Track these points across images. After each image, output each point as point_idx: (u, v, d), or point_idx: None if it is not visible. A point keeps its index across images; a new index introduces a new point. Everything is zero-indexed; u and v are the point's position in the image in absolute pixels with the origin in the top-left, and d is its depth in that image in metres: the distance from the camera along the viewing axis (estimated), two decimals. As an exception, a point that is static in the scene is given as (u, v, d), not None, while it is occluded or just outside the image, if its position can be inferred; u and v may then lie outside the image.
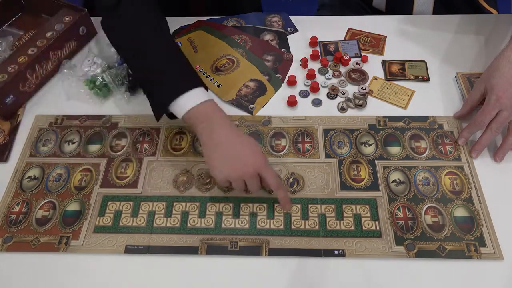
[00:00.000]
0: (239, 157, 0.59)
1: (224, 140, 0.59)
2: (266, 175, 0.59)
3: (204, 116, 0.60)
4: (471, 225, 0.59)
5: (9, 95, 0.73)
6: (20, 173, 0.68)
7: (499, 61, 0.66)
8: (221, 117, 0.61)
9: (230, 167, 0.58)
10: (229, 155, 0.59)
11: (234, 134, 0.60)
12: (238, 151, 0.59)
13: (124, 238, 0.60)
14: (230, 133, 0.60)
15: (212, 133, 0.59)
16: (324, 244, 0.58)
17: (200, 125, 0.60)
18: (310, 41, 0.84)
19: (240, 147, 0.59)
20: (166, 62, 0.63)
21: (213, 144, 0.59)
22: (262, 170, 0.59)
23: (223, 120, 0.60)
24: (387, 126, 0.71)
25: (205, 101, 0.60)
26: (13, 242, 0.60)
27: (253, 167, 0.58)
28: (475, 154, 0.66)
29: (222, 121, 0.60)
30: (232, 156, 0.59)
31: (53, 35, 0.78)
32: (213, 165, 0.59)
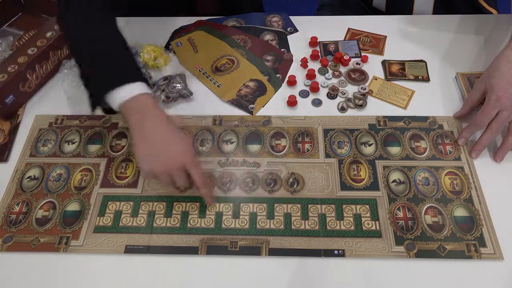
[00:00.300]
0: (167, 151, 0.59)
1: (154, 133, 0.60)
2: (192, 172, 0.60)
3: (139, 108, 0.60)
4: (471, 225, 0.59)
5: (9, 95, 0.73)
6: (20, 173, 0.68)
7: (499, 61, 0.66)
8: (155, 111, 0.61)
9: (156, 160, 0.59)
10: (157, 148, 0.59)
11: (165, 129, 0.60)
12: (167, 145, 0.60)
13: (124, 238, 0.60)
14: (162, 127, 0.60)
15: (143, 124, 0.60)
16: (324, 244, 0.58)
17: (133, 116, 0.60)
18: (310, 41, 0.84)
19: (169, 141, 0.60)
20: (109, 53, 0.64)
21: (143, 135, 0.60)
22: (188, 166, 0.59)
23: (157, 114, 0.61)
24: (387, 126, 0.71)
25: (142, 93, 0.61)
26: (13, 242, 0.60)
27: (179, 162, 0.59)
28: (475, 154, 0.66)
29: (155, 114, 0.61)
30: (160, 149, 0.59)
31: (53, 35, 0.78)
32: (139, 156, 0.59)
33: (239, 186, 0.65)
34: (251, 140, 0.70)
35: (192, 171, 0.60)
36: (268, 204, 0.63)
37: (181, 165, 0.59)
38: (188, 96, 0.76)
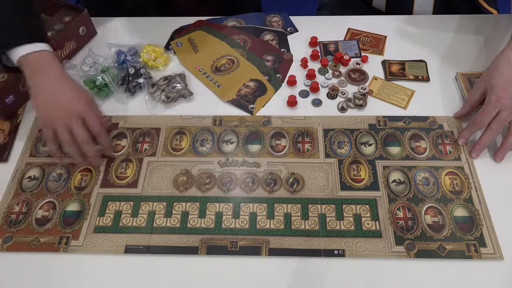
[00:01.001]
0: (62, 100, 0.60)
1: (48, 84, 0.61)
2: (88, 119, 0.61)
3: (34, 62, 0.62)
4: (471, 225, 0.59)
5: (9, 95, 0.73)
6: (20, 173, 0.68)
7: (499, 61, 0.66)
8: (50, 64, 0.63)
9: (51, 109, 0.60)
10: (51, 98, 0.60)
11: (60, 79, 0.62)
12: (61, 95, 0.61)
13: (124, 238, 0.60)
14: (56, 78, 0.62)
15: (37, 77, 0.61)
16: (324, 244, 0.58)
17: (26, 69, 0.62)
18: (310, 41, 0.84)
19: (63, 91, 0.61)
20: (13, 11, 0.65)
21: (37, 87, 0.61)
22: (84, 113, 0.60)
23: (52, 66, 0.62)
24: (387, 126, 0.71)
25: (41, 50, 0.62)
26: (13, 242, 0.60)
27: (74, 109, 0.60)
28: (475, 154, 0.66)
29: (50, 67, 0.62)
30: (54, 99, 0.60)
31: (53, 35, 0.78)
32: (37, 108, 0.61)
33: (239, 186, 0.65)
34: (251, 140, 0.70)
35: (87, 118, 0.61)
36: (268, 204, 0.63)
37: (76, 111, 0.60)
38: (188, 96, 0.76)
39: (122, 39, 0.85)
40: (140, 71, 0.78)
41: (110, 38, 0.87)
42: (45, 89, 0.61)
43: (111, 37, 0.87)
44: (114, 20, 0.91)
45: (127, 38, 0.86)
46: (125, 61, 0.79)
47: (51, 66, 0.63)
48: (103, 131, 0.63)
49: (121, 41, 0.84)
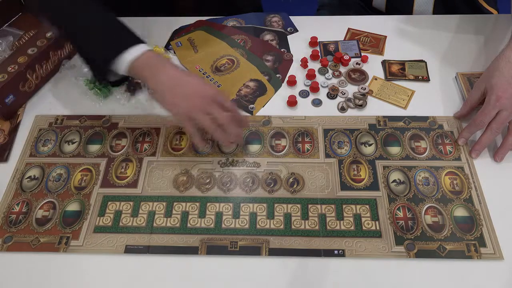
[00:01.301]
0: (192, 89, 0.60)
1: (172, 79, 0.60)
2: (221, 98, 0.60)
3: (148, 63, 0.61)
4: (471, 225, 0.59)
5: (9, 95, 0.73)
6: (20, 173, 0.68)
7: (499, 61, 0.66)
8: (162, 61, 0.62)
9: (188, 101, 0.59)
10: (182, 91, 0.60)
11: (180, 73, 0.61)
12: (190, 86, 0.60)
13: (124, 238, 0.60)
14: (176, 72, 0.61)
15: (159, 76, 0.60)
16: (324, 244, 0.58)
17: (143, 73, 0.61)
18: (310, 41, 0.84)
19: (189, 80, 0.61)
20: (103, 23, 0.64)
21: (163, 85, 0.60)
22: (216, 96, 0.60)
23: (165, 63, 0.62)
24: (387, 126, 0.71)
25: (145, 51, 0.61)
26: (13, 242, 0.60)
27: (208, 94, 0.60)
28: (475, 154, 0.66)
29: (164, 64, 0.62)
30: (185, 91, 0.60)
31: (53, 35, 0.78)
32: (170, 106, 0.60)
33: (239, 186, 0.65)
34: (251, 140, 0.70)
35: (220, 98, 0.60)
36: (268, 204, 0.63)
37: (209, 95, 0.60)
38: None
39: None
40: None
41: (110, 38, 0.86)
42: (172, 84, 0.60)
43: (111, 37, 0.87)
44: (114, 20, 0.91)
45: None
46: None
47: (164, 62, 0.62)
48: (235, 107, 0.62)
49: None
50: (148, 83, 0.62)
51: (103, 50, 0.63)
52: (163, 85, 0.60)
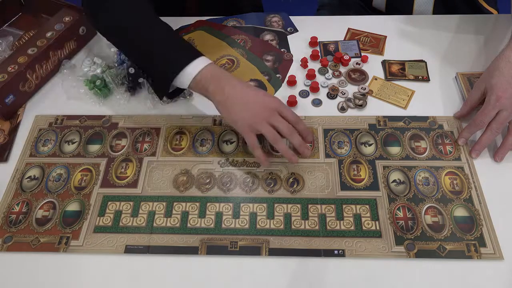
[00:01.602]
0: (257, 101, 0.61)
1: (237, 92, 0.61)
2: (284, 111, 0.61)
3: (211, 77, 0.62)
4: (471, 225, 0.59)
5: (9, 95, 0.73)
6: (20, 173, 0.68)
7: (499, 61, 0.66)
8: (226, 74, 0.63)
9: (251, 113, 0.60)
10: (246, 104, 0.61)
11: (244, 85, 0.63)
12: (253, 98, 0.61)
13: (124, 238, 0.60)
14: (240, 85, 0.62)
15: (223, 89, 0.61)
16: (324, 244, 0.58)
17: (210, 86, 0.62)
18: (310, 41, 0.84)
19: (253, 94, 0.62)
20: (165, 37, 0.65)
21: (227, 99, 0.61)
22: (280, 107, 0.61)
23: (227, 75, 0.63)
24: (387, 126, 0.71)
25: (207, 64, 0.62)
26: (13, 242, 0.60)
27: (272, 106, 0.61)
28: (475, 154, 0.66)
29: (228, 77, 0.63)
30: (249, 103, 0.61)
31: (53, 35, 0.78)
32: (235, 119, 0.61)
33: (239, 186, 0.65)
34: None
35: (283, 111, 0.62)
36: (268, 204, 0.63)
37: (273, 106, 0.61)
38: (188, 96, 0.76)
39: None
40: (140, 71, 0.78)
41: (110, 38, 0.86)
42: (238, 97, 0.61)
43: (111, 37, 0.87)
44: (114, 20, 0.91)
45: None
46: (125, 61, 0.78)
47: (226, 75, 0.63)
48: (299, 120, 0.63)
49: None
50: (214, 96, 0.62)
51: (166, 65, 0.63)
52: (230, 99, 0.61)
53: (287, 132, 0.61)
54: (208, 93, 0.62)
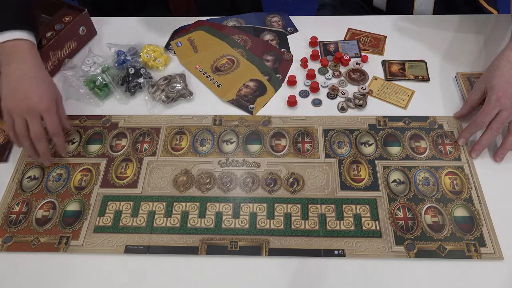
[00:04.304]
0: (25, 93, 0.61)
1: (18, 74, 0.62)
2: (46, 118, 0.62)
3: (11, 50, 0.62)
4: (471, 225, 0.59)
5: (9, 95, 0.73)
6: (20, 173, 0.68)
7: (499, 61, 0.66)
8: (26, 54, 0.63)
9: (13, 100, 0.61)
10: (16, 88, 0.61)
11: (32, 72, 0.63)
12: (27, 87, 0.61)
13: (124, 238, 0.60)
14: (28, 69, 0.62)
15: (10, 65, 0.62)
16: (324, 244, 0.58)
17: (2, 56, 0.62)
18: (310, 41, 0.84)
19: (29, 85, 0.62)
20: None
21: (7, 76, 0.62)
22: (43, 112, 0.61)
23: (27, 58, 0.63)
24: (387, 126, 0.71)
25: (20, 39, 0.63)
26: (13, 242, 0.60)
27: (35, 105, 0.61)
28: (475, 154, 0.66)
29: (24, 58, 0.63)
30: (19, 90, 0.61)
31: (53, 35, 0.78)
32: (1, 95, 0.62)
33: (239, 186, 0.65)
34: (251, 140, 0.70)
35: (45, 117, 0.62)
36: (268, 204, 0.63)
37: (35, 108, 0.61)
38: (188, 96, 0.76)
39: (122, 39, 0.85)
40: (140, 71, 0.78)
41: (110, 38, 0.87)
42: (13, 79, 0.62)
43: (111, 37, 0.87)
44: (114, 20, 0.91)
45: (127, 38, 0.86)
46: (125, 61, 0.79)
47: (27, 57, 0.63)
48: (58, 133, 0.64)
49: (121, 41, 0.84)
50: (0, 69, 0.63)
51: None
52: (6, 76, 0.62)
53: (34, 137, 0.63)
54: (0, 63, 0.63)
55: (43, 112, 0.62)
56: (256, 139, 0.70)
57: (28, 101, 0.61)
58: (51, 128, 0.63)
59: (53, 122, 0.62)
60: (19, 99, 0.61)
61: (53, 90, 0.66)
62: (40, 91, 0.63)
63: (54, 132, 0.63)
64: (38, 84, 0.63)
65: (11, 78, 0.62)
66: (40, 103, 0.62)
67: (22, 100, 0.61)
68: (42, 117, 0.62)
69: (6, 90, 0.62)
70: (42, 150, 0.64)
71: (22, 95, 0.61)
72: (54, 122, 0.63)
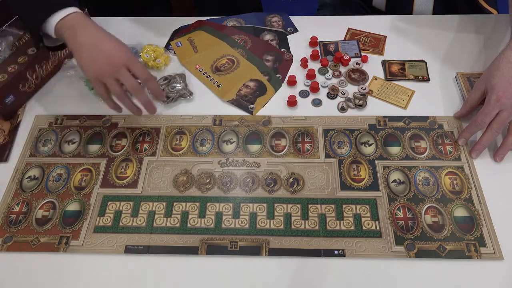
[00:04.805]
0: (104, 53, 0.62)
1: (88, 40, 0.62)
2: (134, 67, 0.62)
3: (70, 24, 0.63)
4: (471, 225, 0.59)
5: (9, 95, 0.73)
6: (20, 173, 0.68)
7: (499, 61, 0.66)
8: (86, 22, 0.64)
9: (98, 64, 0.62)
10: (94, 54, 0.62)
11: (98, 34, 0.64)
12: (103, 49, 0.62)
13: (124, 238, 0.60)
14: (94, 33, 0.63)
15: (77, 37, 0.62)
16: (324, 244, 0.58)
17: (66, 32, 0.63)
18: (310, 41, 0.84)
19: (104, 45, 0.63)
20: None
21: (78, 46, 0.63)
22: (129, 62, 0.62)
23: (88, 24, 0.64)
24: (387, 126, 0.71)
25: (73, 12, 0.64)
26: (13, 242, 0.60)
27: (119, 60, 0.62)
28: (475, 154, 0.66)
29: (86, 25, 0.64)
30: (97, 54, 0.62)
31: (53, 35, 0.78)
32: (83, 67, 0.63)
33: (239, 186, 0.65)
34: (251, 140, 0.70)
35: (132, 67, 0.62)
36: (268, 204, 0.63)
37: (120, 61, 0.62)
38: (188, 96, 0.76)
39: (122, 39, 0.84)
40: None
41: (110, 38, 0.86)
42: (87, 46, 0.62)
43: (111, 37, 0.87)
44: (114, 20, 0.91)
45: (127, 38, 0.85)
46: (125, 61, 0.78)
47: (87, 25, 0.64)
48: (151, 77, 0.64)
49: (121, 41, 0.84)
50: (68, 44, 0.64)
51: (35, 11, 0.65)
52: (80, 47, 0.63)
53: (132, 89, 0.63)
54: (65, 40, 0.64)
55: (128, 63, 0.62)
56: (256, 139, 0.70)
57: (110, 59, 0.62)
58: (142, 75, 0.63)
59: (142, 69, 0.63)
60: (101, 63, 0.62)
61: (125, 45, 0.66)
62: (115, 46, 0.64)
63: (146, 79, 0.64)
64: (109, 41, 0.64)
65: (84, 47, 0.62)
66: (122, 57, 0.62)
67: (104, 61, 0.62)
68: (129, 69, 0.63)
69: (86, 60, 0.63)
70: (145, 100, 0.65)
71: (102, 57, 0.62)
72: (142, 69, 0.63)
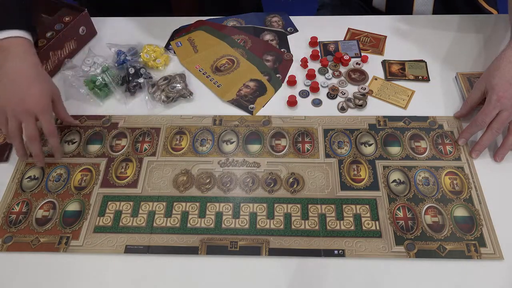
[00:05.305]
0: (20, 94, 0.60)
1: (13, 73, 0.61)
2: (43, 119, 0.61)
3: (8, 47, 0.62)
4: (471, 225, 0.59)
5: (9, 95, 0.73)
6: (20, 173, 0.68)
7: (499, 61, 0.66)
8: (24, 52, 0.62)
9: (8, 100, 0.60)
10: (11, 89, 0.60)
11: (28, 71, 0.62)
12: (21, 88, 0.60)
13: (124, 238, 0.60)
14: (24, 68, 0.61)
15: (5, 63, 0.61)
16: (324, 244, 0.58)
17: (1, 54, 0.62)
18: (310, 41, 0.84)
19: (26, 84, 0.61)
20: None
21: (4, 73, 0.61)
22: (40, 113, 0.60)
23: (26, 55, 0.62)
24: (387, 126, 0.71)
25: (16, 36, 0.62)
26: (13, 242, 0.60)
27: (31, 108, 0.60)
28: (475, 154, 0.66)
29: (21, 55, 0.62)
30: (14, 91, 0.60)
31: (53, 35, 0.78)
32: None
33: (239, 186, 0.65)
34: (251, 140, 0.70)
35: (41, 118, 0.61)
36: (268, 204, 0.63)
37: (31, 109, 0.60)
38: (188, 96, 0.76)
39: (122, 39, 0.85)
40: (140, 71, 0.78)
41: (110, 38, 0.87)
42: (8, 78, 0.61)
43: (111, 37, 0.87)
44: (114, 20, 0.91)
45: (127, 38, 0.86)
46: (125, 61, 0.79)
47: (22, 54, 0.63)
48: (53, 134, 0.63)
49: (121, 41, 0.84)
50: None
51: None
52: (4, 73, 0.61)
53: (27, 139, 0.62)
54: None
55: (38, 114, 0.61)
56: (256, 139, 0.70)
57: (23, 103, 0.60)
58: (46, 129, 0.62)
59: (49, 124, 0.62)
60: (14, 102, 0.60)
61: (49, 88, 0.65)
62: (35, 91, 0.62)
63: (49, 133, 0.63)
64: (33, 83, 0.62)
65: (6, 77, 0.61)
66: (35, 105, 0.61)
67: (17, 102, 0.60)
68: (37, 118, 0.62)
69: (3, 90, 0.61)
70: (35, 152, 0.64)
71: (17, 96, 0.60)
72: (49, 123, 0.62)
